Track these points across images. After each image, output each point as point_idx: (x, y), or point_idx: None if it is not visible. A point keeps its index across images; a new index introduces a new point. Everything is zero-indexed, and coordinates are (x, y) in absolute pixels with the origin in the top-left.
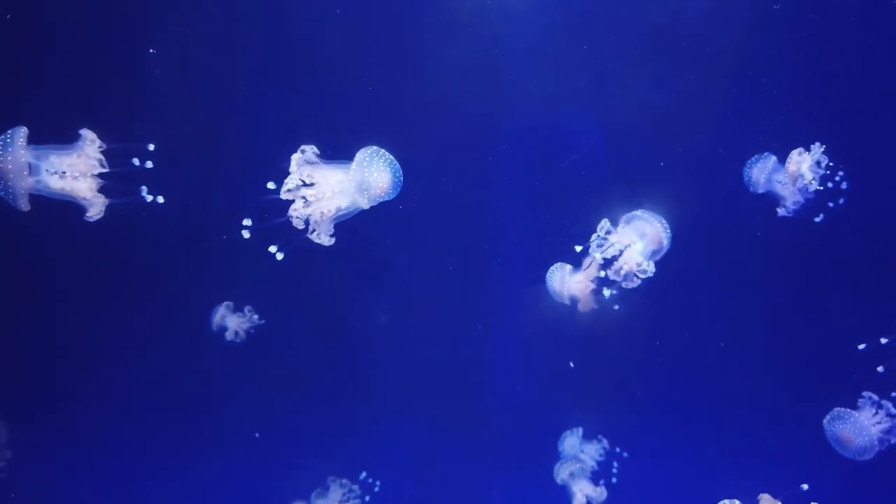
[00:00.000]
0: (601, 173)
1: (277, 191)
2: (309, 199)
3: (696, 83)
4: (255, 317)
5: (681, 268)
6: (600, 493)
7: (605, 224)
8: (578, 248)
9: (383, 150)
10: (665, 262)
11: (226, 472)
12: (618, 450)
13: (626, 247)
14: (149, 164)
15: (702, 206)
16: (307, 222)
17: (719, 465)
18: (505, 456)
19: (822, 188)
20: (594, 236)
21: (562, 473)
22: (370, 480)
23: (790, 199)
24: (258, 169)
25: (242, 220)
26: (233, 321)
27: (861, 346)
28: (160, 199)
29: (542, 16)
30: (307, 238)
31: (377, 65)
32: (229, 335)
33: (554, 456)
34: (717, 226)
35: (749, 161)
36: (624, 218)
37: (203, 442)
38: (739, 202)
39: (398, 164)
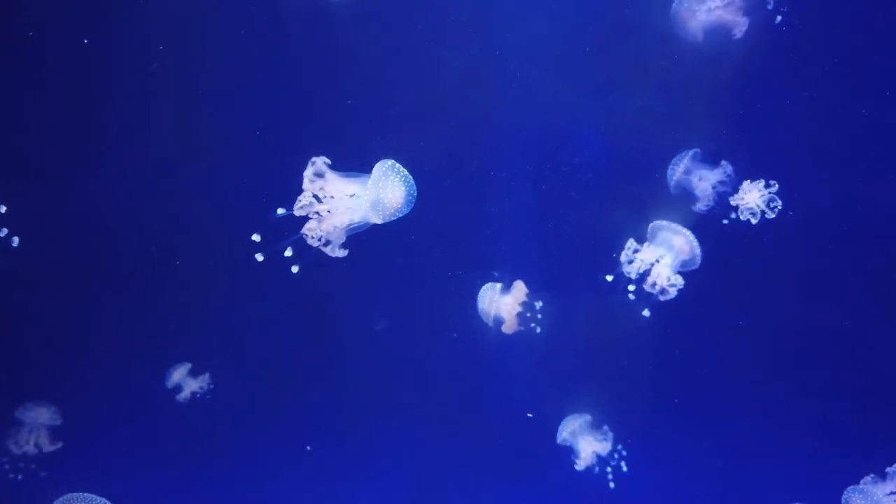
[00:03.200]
0: (604, 177)
1: (289, 208)
2: (322, 214)
3: (701, 86)
4: (209, 384)
5: (692, 274)
6: (604, 447)
7: (631, 244)
8: (609, 278)
9: (398, 166)
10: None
11: (224, 478)
12: (619, 446)
13: (656, 262)
14: None
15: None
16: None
17: (723, 477)
18: (506, 463)
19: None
20: (623, 254)
21: (563, 433)
22: None
23: (703, 198)
24: (261, 179)
25: (250, 232)
26: (189, 385)
27: None
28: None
29: (544, 17)
30: (318, 249)
31: (374, 67)
32: (182, 397)
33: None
34: (728, 226)
35: (673, 161)
36: (649, 232)
37: (201, 445)
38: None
39: (412, 180)
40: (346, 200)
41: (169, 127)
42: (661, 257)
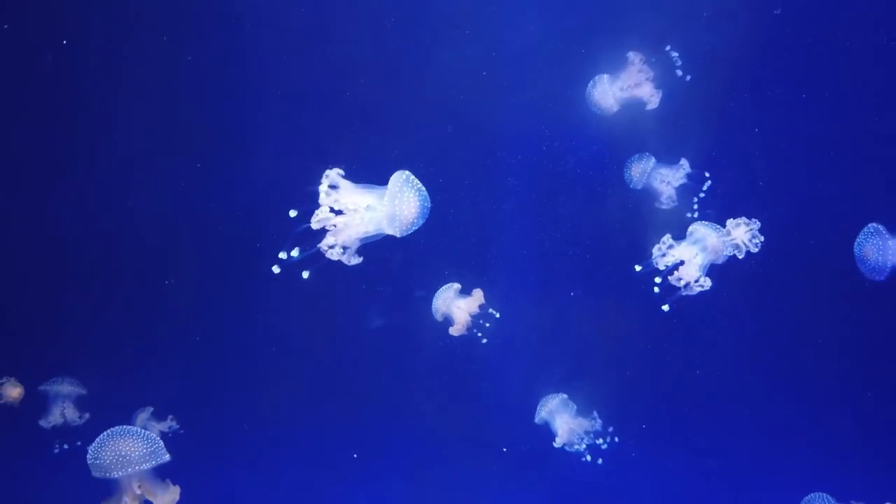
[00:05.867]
0: (597, 177)
1: (302, 216)
2: (338, 225)
3: (694, 86)
4: (174, 424)
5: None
6: (580, 424)
7: (667, 239)
8: (638, 268)
9: (413, 178)
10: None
11: (222, 477)
12: (610, 429)
13: (688, 259)
14: None
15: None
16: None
17: (713, 476)
18: (503, 462)
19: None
20: (656, 248)
21: (541, 412)
22: None
23: (665, 194)
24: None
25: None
26: (154, 427)
27: None
28: None
29: (540, 19)
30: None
31: (370, 67)
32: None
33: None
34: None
35: (629, 160)
36: (688, 230)
37: (196, 443)
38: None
39: (426, 193)
40: (361, 212)
41: (168, 133)
42: (694, 256)
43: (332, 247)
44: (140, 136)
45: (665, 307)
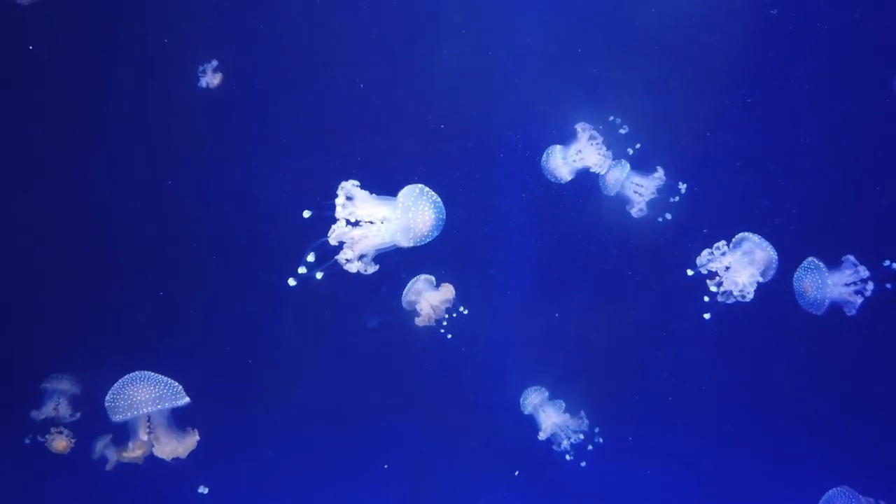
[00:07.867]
0: (588, 182)
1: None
2: (356, 238)
3: (692, 86)
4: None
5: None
6: (565, 420)
7: (721, 246)
8: (690, 273)
9: (428, 190)
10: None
11: (218, 479)
12: (596, 430)
13: (734, 268)
14: None
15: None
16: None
17: (702, 474)
18: (498, 462)
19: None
20: (706, 252)
21: (527, 406)
22: None
23: (637, 204)
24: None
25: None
26: (112, 454)
27: None
28: None
29: (538, 18)
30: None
31: (367, 67)
32: (109, 466)
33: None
34: (717, 223)
35: (608, 169)
36: (736, 241)
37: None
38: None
39: (441, 204)
40: (378, 224)
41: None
42: (743, 267)
43: (349, 260)
44: (142, 139)
45: (707, 315)
